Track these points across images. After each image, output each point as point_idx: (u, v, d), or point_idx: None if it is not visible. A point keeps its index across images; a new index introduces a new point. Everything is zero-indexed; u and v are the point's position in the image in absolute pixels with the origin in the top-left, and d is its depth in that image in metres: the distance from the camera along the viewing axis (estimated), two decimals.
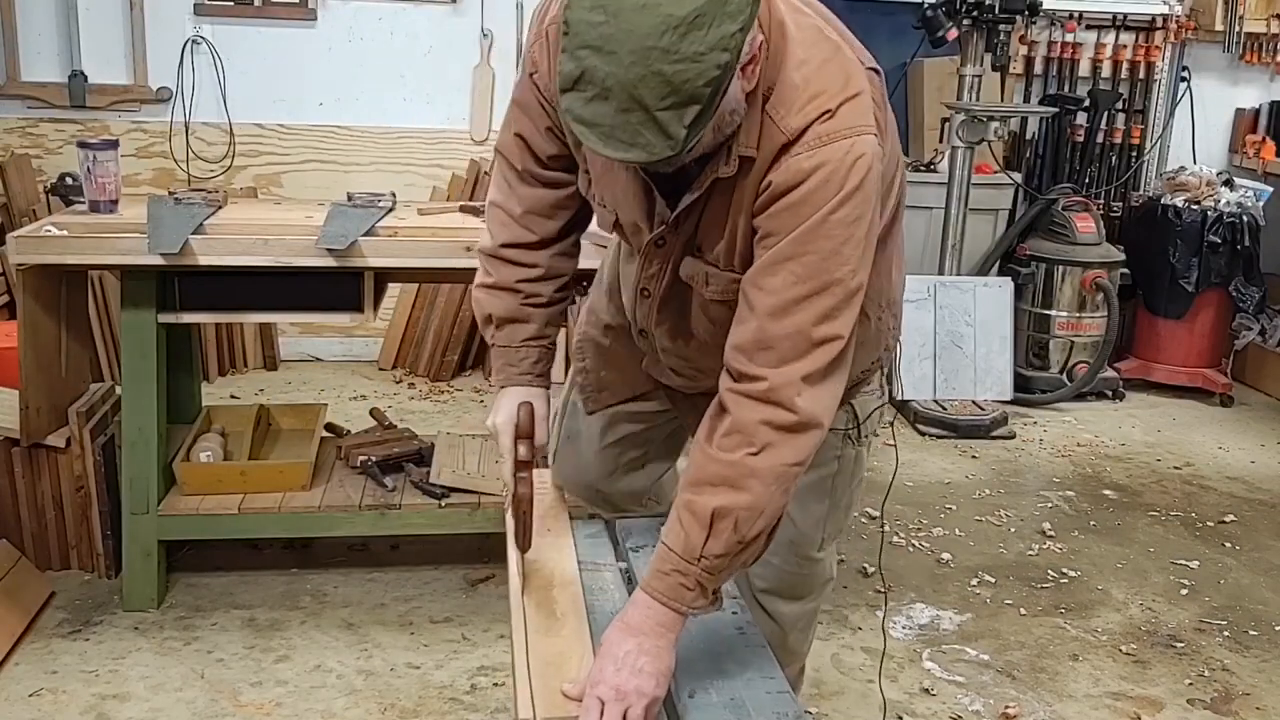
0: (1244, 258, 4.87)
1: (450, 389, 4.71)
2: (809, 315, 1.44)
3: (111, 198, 2.89)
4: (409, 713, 2.56)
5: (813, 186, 1.42)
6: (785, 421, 1.45)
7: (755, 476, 1.45)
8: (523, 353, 1.78)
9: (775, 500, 1.47)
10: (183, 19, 4.59)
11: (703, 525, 1.46)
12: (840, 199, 1.42)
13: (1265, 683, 2.86)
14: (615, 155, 1.32)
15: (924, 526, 3.66)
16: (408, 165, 4.77)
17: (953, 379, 4.70)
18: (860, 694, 2.71)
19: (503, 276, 1.77)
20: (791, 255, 1.44)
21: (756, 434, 1.45)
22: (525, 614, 1.63)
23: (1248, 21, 5.32)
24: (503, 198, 1.77)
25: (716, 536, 1.46)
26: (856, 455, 1.91)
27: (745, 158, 1.45)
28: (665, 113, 1.28)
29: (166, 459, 2.94)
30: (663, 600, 1.49)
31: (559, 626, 1.61)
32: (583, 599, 1.68)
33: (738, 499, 1.45)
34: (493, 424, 1.75)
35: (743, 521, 1.45)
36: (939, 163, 5.02)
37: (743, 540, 1.47)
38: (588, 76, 1.29)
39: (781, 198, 1.44)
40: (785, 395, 1.45)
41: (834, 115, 1.42)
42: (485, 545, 3.17)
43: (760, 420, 1.45)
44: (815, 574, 2.00)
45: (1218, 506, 3.94)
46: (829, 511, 1.93)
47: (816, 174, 1.41)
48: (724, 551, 1.46)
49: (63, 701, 2.53)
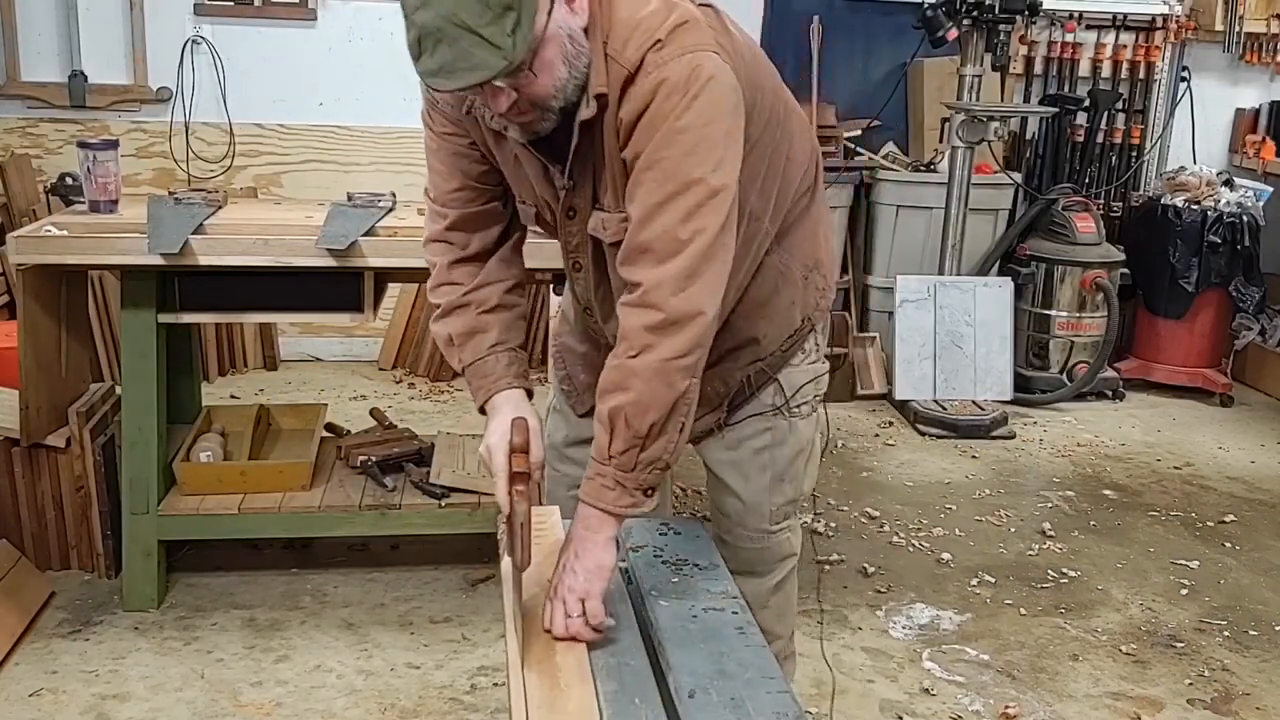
0: (1244, 258, 4.87)
1: (450, 389, 4.71)
2: (674, 216, 1.55)
3: (111, 198, 2.89)
4: (409, 713, 2.56)
5: (659, 101, 1.54)
6: (655, 321, 1.56)
7: (635, 375, 1.57)
8: (490, 360, 1.82)
9: (660, 394, 1.58)
10: (183, 19, 4.60)
11: (605, 428, 1.60)
12: (685, 104, 1.53)
13: (1265, 683, 2.86)
14: (461, 85, 1.48)
15: (924, 526, 3.66)
16: (408, 165, 4.77)
17: (953, 379, 4.71)
18: (860, 694, 2.72)
19: (451, 299, 1.85)
20: (651, 165, 1.56)
21: (636, 338, 1.58)
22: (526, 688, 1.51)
23: (1248, 21, 5.32)
24: (439, 228, 1.86)
25: (617, 436, 1.59)
26: (791, 426, 1.96)
27: (600, 95, 1.58)
28: (489, 28, 1.44)
29: (166, 459, 2.94)
30: (589, 502, 1.63)
31: (564, 701, 1.48)
32: (588, 661, 1.56)
33: (624, 398, 1.58)
34: (486, 446, 1.74)
35: (631, 417, 1.58)
36: (939, 163, 5.02)
37: (639, 435, 1.59)
38: (422, 31, 1.46)
39: (635, 123, 1.56)
40: (657, 297, 1.56)
41: (664, 44, 1.56)
42: (485, 545, 3.17)
43: (639, 325, 1.58)
44: (770, 549, 2.04)
45: (1218, 506, 3.94)
46: (772, 483, 1.98)
47: (660, 90, 1.54)
48: (626, 448, 1.59)
49: (63, 701, 2.53)
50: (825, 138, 4.86)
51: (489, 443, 1.74)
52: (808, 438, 2.00)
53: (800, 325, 1.93)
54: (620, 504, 1.62)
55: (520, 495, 1.61)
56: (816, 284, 1.93)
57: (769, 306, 1.88)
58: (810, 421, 2.00)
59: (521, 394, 1.81)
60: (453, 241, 1.84)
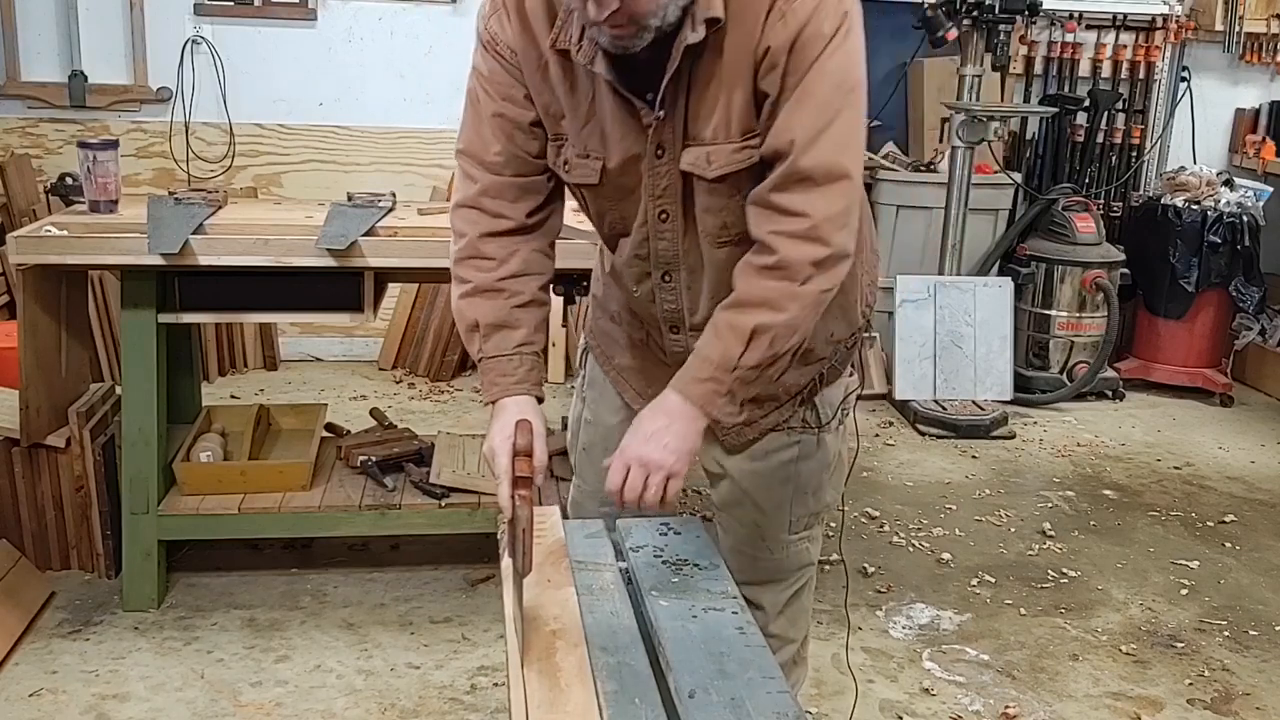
0: (1244, 258, 4.87)
1: (450, 389, 4.71)
2: (832, 145, 1.54)
3: (111, 198, 2.89)
4: (409, 713, 2.56)
5: (817, 23, 1.51)
6: (823, 255, 1.57)
7: (796, 299, 1.58)
8: (515, 361, 1.73)
9: (808, 320, 1.61)
10: (183, 19, 4.60)
11: (741, 339, 1.58)
12: (843, 31, 1.53)
13: (1265, 683, 2.86)
14: None
15: (924, 526, 3.66)
16: (408, 165, 4.77)
17: (953, 379, 4.71)
18: (860, 694, 2.71)
19: (482, 279, 1.73)
20: (811, 91, 1.53)
21: (801, 270, 1.57)
22: (526, 688, 1.51)
23: (1248, 21, 5.32)
24: (471, 194, 1.73)
25: (754, 349, 1.58)
26: (819, 441, 1.92)
27: (711, 19, 1.52)
28: None
29: (166, 459, 2.94)
30: (696, 402, 1.61)
31: (564, 701, 1.48)
32: (588, 661, 1.55)
33: (777, 317, 1.58)
34: (489, 447, 1.68)
35: (779, 338, 1.59)
36: (939, 163, 5.02)
37: (775, 354, 1.60)
38: None
39: (790, 49, 1.52)
40: (825, 231, 1.56)
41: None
42: (485, 545, 3.17)
43: (805, 258, 1.57)
44: (788, 559, 2.00)
45: (1218, 506, 3.94)
46: (794, 495, 1.94)
47: (815, 15, 1.51)
48: (757, 363, 1.60)
49: (63, 701, 2.53)
50: None
51: (493, 444, 1.67)
52: (835, 451, 1.96)
53: (846, 343, 1.89)
54: (725, 411, 1.62)
55: (524, 500, 1.58)
56: (863, 293, 1.88)
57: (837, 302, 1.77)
58: (838, 435, 1.95)
59: (532, 400, 1.73)
60: (486, 210, 1.72)
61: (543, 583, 1.67)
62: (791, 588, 2.03)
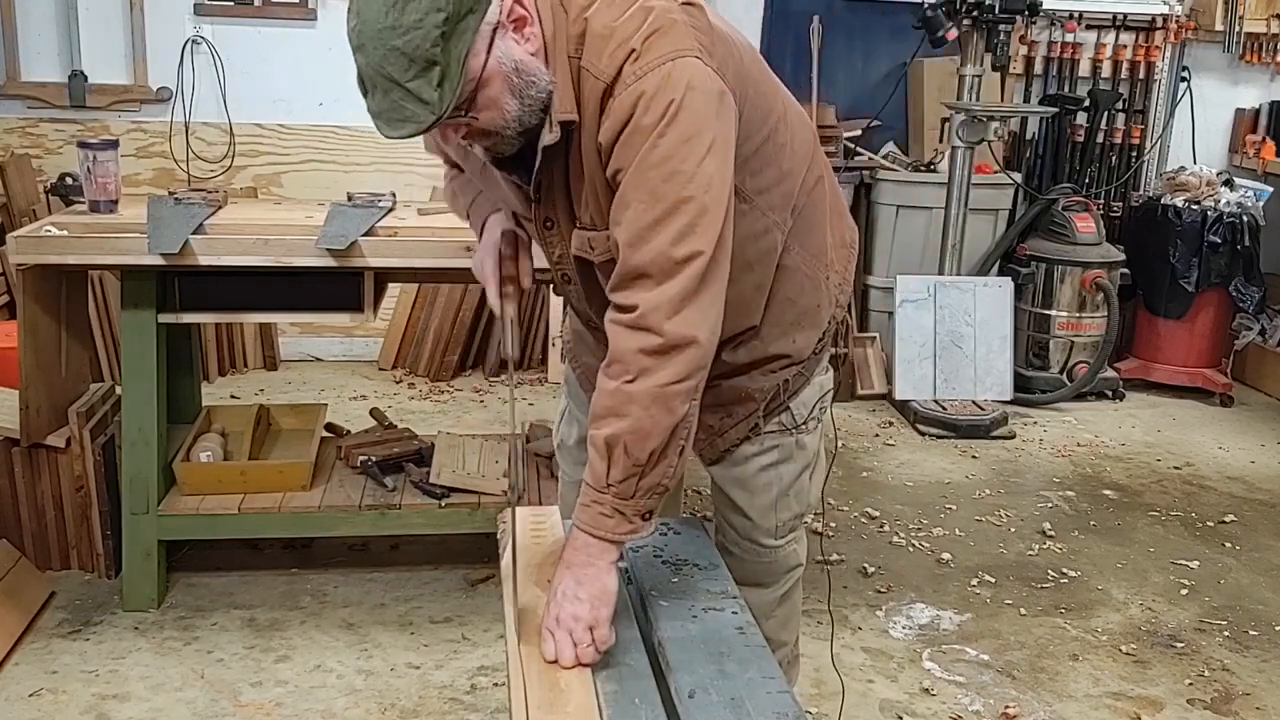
0: (1244, 258, 4.87)
1: (450, 389, 4.71)
2: (666, 238, 1.49)
3: (111, 198, 2.89)
4: (409, 713, 2.56)
5: (638, 116, 1.48)
6: (654, 345, 1.51)
7: (633, 402, 1.52)
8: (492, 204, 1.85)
9: (660, 421, 1.52)
10: (183, 19, 4.60)
11: (601, 455, 1.55)
12: (666, 120, 1.47)
13: (1265, 683, 2.86)
14: (398, 134, 1.46)
15: (924, 526, 3.66)
16: (408, 165, 4.76)
17: (953, 379, 4.71)
18: (860, 694, 2.72)
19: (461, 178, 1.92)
20: (636, 185, 1.50)
21: (632, 361, 1.52)
22: (526, 688, 1.51)
23: (1248, 21, 5.32)
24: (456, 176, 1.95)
25: (615, 464, 1.54)
26: (797, 443, 1.93)
27: (565, 122, 1.54)
28: (414, 82, 1.42)
29: (166, 459, 2.94)
30: (588, 530, 1.57)
31: (564, 701, 1.49)
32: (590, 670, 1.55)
33: (621, 425, 1.52)
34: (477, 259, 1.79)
35: (631, 446, 1.52)
36: (939, 163, 5.02)
37: (638, 463, 1.53)
38: (361, 74, 1.45)
39: (616, 140, 1.51)
40: (654, 320, 1.50)
41: (639, 53, 1.50)
42: (485, 545, 3.17)
43: (634, 348, 1.52)
44: (776, 561, 2.02)
45: (1218, 506, 3.94)
46: (778, 499, 1.95)
47: (638, 105, 1.48)
48: (624, 476, 1.54)
49: (63, 701, 2.53)
50: (825, 138, 4.85)
51: (479, 255, 1.79)
52: (813, 451, 1.97)
53: (816, 349, 1.89)
54: (619, 531, 1.57)
55: (509, 296, 1.74)
56: (832, 294, 1.88)
57: (797, 308, 1.83)
58: (815, 435, 1.96)
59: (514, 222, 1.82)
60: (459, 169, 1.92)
61: (542, 582, 1.68)
62: (781, 589, 2.06)
